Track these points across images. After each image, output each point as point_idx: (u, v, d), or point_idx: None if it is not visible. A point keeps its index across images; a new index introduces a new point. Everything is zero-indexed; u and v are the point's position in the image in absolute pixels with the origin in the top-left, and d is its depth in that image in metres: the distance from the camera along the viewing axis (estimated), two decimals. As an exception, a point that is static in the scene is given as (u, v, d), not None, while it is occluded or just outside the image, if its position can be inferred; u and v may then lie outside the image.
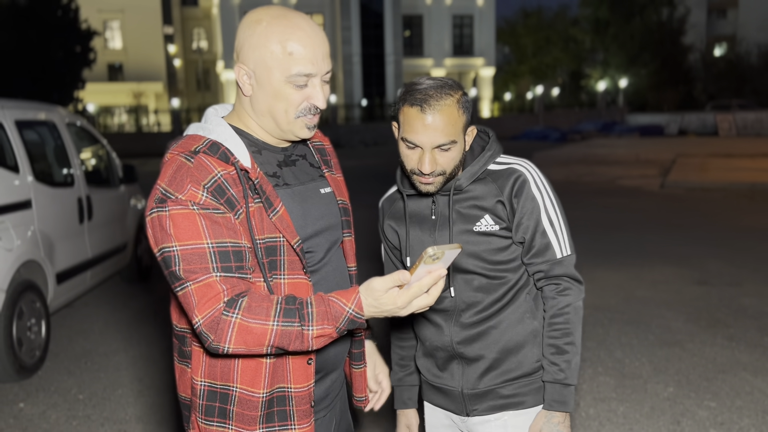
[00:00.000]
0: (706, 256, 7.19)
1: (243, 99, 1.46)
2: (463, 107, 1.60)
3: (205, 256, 1.31)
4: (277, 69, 1.38)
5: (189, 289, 1.31)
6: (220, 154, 1.38)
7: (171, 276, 1.34)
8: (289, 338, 1.31)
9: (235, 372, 1.42)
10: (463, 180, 1.68)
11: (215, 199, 1.34)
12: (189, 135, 1.44)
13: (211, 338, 1.30)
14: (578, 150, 24.00)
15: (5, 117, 4.50)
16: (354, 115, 38.70)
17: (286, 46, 1.37)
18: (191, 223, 1.32)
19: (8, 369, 4.08)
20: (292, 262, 1.43)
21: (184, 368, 1.53)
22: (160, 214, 1.33)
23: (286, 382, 1.44)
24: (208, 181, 1.34)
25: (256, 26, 1.39)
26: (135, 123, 37.51)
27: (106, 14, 44.05)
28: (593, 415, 3.59)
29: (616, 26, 46.95)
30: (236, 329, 1.29)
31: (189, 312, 1.33)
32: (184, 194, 1.32)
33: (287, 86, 1.39)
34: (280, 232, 1.40)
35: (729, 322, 5.06)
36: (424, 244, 1.73)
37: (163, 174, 1.36)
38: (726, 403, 3.70)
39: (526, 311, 1.71)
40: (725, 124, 32.27)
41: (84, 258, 5.15)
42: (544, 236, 1.66)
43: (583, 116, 41.06)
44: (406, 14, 42.92)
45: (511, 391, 1.72)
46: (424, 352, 1.84)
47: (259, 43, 1.38)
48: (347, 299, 1.32)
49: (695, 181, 13.55)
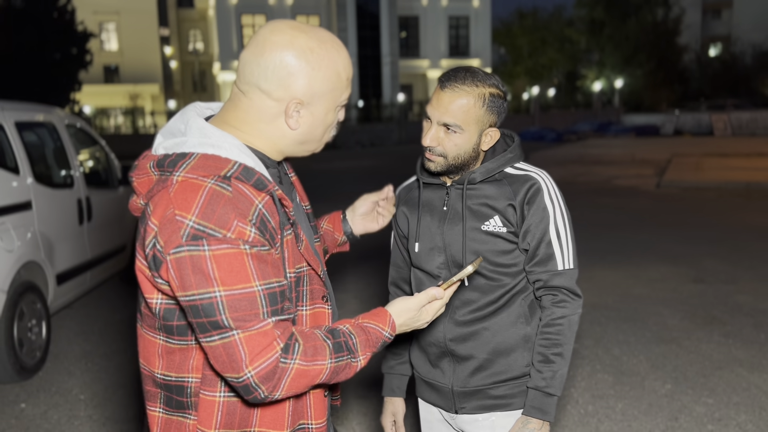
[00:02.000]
0: (701, 255, 7.24)
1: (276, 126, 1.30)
2: (486, 103, 1.63)
3: (255, 301, 1.16)
4: (336, 98, 1.31)
5: (236, 339, 1.15)
6: (256, 182, 1.21)
7: (208, 325, 1.16)
8: (338, 371, 1.26)
9: (255, 416, 1.31)
10: (478, 174, 1.70)
11: (261, 235, 1.19)
12: (201, 155, 1.22)
13: (263, 389, 1.17)
14: (574, 150, 24.08)
15: (5, 118, 4.52)
16: (350, 116, 38.69)
17: (345, 73, 1.30)
18: (240, 265, 1.15)
19: (9, 370, 4.09)
20: (312, 291, 1.36)
21: (178, 420, 1.33)
22: (196, 254, 1.14)
23: (307, 419, 1.38)
24: (252, 215, 1.18)
25: (310, 55, 1.25)
26: (131, 125, 37.47)
27: (102, 16, 44.01)
28: (591, 411, 3.63)
29: (611, 27, 47.13)
30: (293, 375, 1.19)
31: (233, 363, 1.16)
32: (232, 232, 1.15)
33: (335, 111, 1.34)
34: (307, 261, 1.33)
35: (725, 320, 5.10)
36: (432, 233, 1.76)
37: (184, 202, 1.16)
38: (723, 399, 3.74)
39: (520, 316, 1.73)
40: (720, 124, 32.41)
41: (84, 259, 5.16)
42: (549, 246, 1.67)
43: (578, 117, 41.17)
44: (402, 15, 42.98)
45: (501, 392, 1.75)
46: (418, 346, 1.86)
47: (320, 74, 1.26)
48: (383, 324, 1.31)
49: (691, 181, 13.62)
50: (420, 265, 1.79)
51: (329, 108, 1.31)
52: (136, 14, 44.73)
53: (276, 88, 1.25)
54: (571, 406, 3.70)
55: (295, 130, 1.30)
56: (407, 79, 44.13)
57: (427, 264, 1.77)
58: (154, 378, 1.35)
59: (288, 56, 1.24)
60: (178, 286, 1.17)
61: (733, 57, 46.33)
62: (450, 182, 1.74)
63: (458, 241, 1.71)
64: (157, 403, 1.37)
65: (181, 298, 1.18)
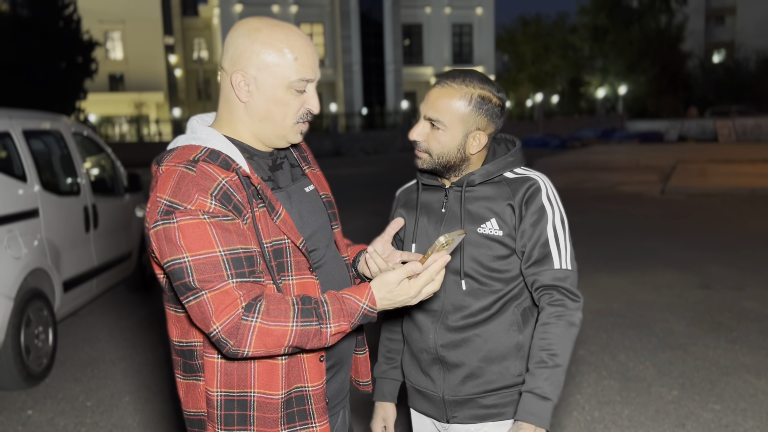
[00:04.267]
0: (707, 261, 7.22)
1: (236, 105, 1.46)
2: (473, 103, 1.63)
3: (219, 264, 1.31)
4: (281, 74, 1.41)
5: (204, 298, 1.31)
6: (221, 162, 1.39)
7: (182, 287, 1.33)
8: (308, 337, 1.35)
9: (252, 377, 1.43)
10: (477, 176, 1.69)
11: (223, 206, 1.34)
12: (182, 146, 1.43)
13: (231, 343, 1.31)
14: (578, 157, 24.05)
15: (13, 126, 4.55)
16: (354, 123, 38.80)
17: (292, 53, 1.41)
18: (202, 233, 1.32)
19: (16, 377, 4.10)
20: (298, 262, 1.46)
21: (193, 383, 1.51)
22: (167, 226, 1.33)
23: (303, 382, 1.47)
24: (214, 189, 1.34)
25: (256, 34, 1.40)
26: (136, 133, 37.61)
27: (108, 25, 44.25)
28: (598, 418, 3.62)
29: (614, 33, 47.15)
30: (256, 333, 1.31)
31: (205, 320, 1.32)
32: (193, 204, 1.32)
33: (288, 92, 1.43)
34: (285, 234, 1.43)
35: (731, 326, 5.09)
36: (429, 235, 1.74)
37: (162, 186, 1.35)
38: (730, 406, 3.73)
39: (512, 324, 1.69)
40: (725, 130, 32.35)
41: (90, 266, 5.18)
42: (546, 247, 1.64)
43: (582, 123, 41.19)
44: (405, 23, 43.13)
45: (492, 401, 1.71)
46: (410, 354, 1.84)
47: (262, 50, 1.39)
48: (361, 295, 1.38)
49: (696, 187, 13.60)
50: None
51: (277, 84, 1.42)
52: (141, 23, 44.97)
53: (229, 65, 1.44)
54: (577, 412, 3.69)
55: (246, 103, 1.44)
56: (411, 86, 44.23)
57: None
58: (173, 346, 1.54)
59: (236, 35, 1.43)
60: (159, 257, 1.36)
61: (737, 63, 46.28)
62: (449, 184, 1.74)
63: None
64: (179, 370, 1.55)
65: (164, 267, 1.36)
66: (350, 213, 10.61)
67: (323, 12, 41.90)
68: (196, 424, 1.54)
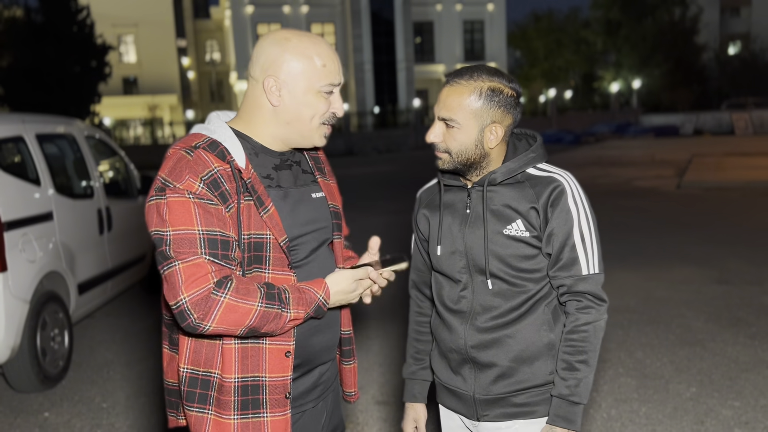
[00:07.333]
0: (725, 256, 7.12)
1: (264, 109, 1.56)
2: (484, 97, 1.61)
3: (195, 241, 1.42)
4: (311, 79, 1.53)
5: (176, 268, 1.41)
6: (218, 152, 1.50)
7: (160, 256, 1.45)
8: (267, 319, 1.45)
9: (217, 359, 1.52)
10: (499, 174, 1.67)
11: (210, 191, 1.45)
12: (191, 133, 1.56)
13: (195, 316, 1.40)
14: (592, 152, 23.88)
15: (27, 131, 4.58)
16: (366, 122, 38.79)
17: (321, 59, 1.53)
18: (185, 210, 1.43)
19: (33, 379, 4.14)
20: (277, 258, 1.54)
21: (173, 355, 1.66)
22: (159, 201, 1.45)
23: (261, 372, 1.53)
24: (205, 174, 1.46)
25: (286, 43, 1.52)
26: (150, 135, 37.89)
27: (121, 29, 44.63)
28: (615, 416, 3.58)
29: (627, 27, 46.74)
30: (223, 308, 1.40)
31: (173, 290, 1.41)
32: (182, 183, 1.44)
33: (318, 96, 1.54)
34: (269, 229, 1.51)
35: (750, 321, 5.01)
36: (453, 235, 1.73)
37: (164, 166, 1.49)
38: (750, 402, 3.67)
39: (543, 323, 1.68)
40: (741, 123, 31.93)
41: (104, 269, 5.21)
42: (573, 250, 1.63)
43: (596, 118, 40.84)
44: (416, 21, 43.06)
45: (523, 400, 1.71)
46: (439, 352, 1.83)
47: (293, 58, 1.51)
48: (318, 288, 1.54)
49: (712, 181, 13.43)
50: (441, 268, 1.76)
51: (307, 88, 1.53)
52: (153, 26, 45.31)
53: (260, 73, 1.54)
54: (594, 410, 3.65)
55: (277, 107, 1.54)
56: (423, 84, 44.17)
57: (448, 268, 1.74)
58: (163, 319, 1.69)
59: (267, 45, 1.55)
60: (147, 226, 1.47)
61: (753, 55, 45.68)
62: (471, 184, 1.72)
63: (479, 245, 1.68)
64: (166, 341, 1.70)
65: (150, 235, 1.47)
66: (367, 212, 10.61)
67: (334, 12, 41.95)
68: (173, 394, 1.70)
